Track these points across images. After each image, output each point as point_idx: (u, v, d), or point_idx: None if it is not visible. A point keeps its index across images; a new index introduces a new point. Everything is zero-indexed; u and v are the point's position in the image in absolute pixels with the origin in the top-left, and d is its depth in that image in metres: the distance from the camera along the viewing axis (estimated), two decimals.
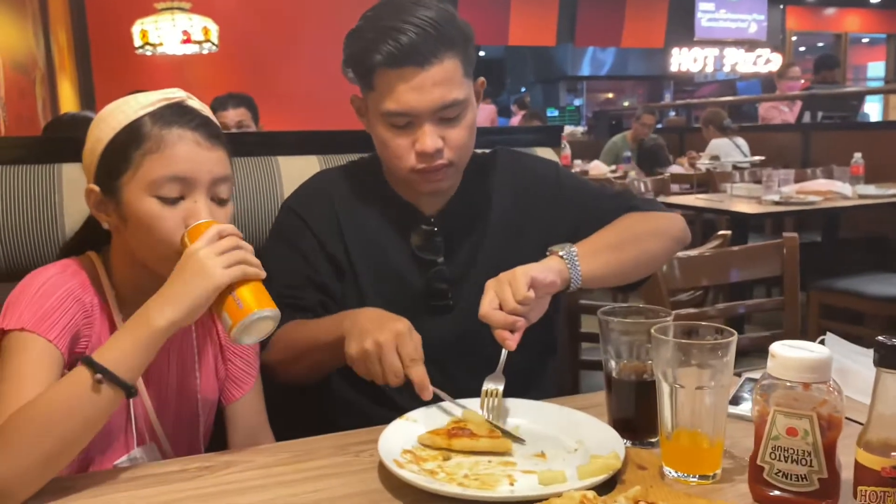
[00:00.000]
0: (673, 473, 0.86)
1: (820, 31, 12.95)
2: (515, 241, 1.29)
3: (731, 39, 11.81)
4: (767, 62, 12.10)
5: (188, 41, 4.39)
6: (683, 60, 12.13)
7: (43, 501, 0.85)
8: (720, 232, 2.10)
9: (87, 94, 5.19)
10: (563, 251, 1.13)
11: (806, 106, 6.05)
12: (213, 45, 4.58)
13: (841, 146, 5.07)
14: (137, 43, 4.48)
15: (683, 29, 11.19)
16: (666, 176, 4.86)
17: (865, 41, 13.71)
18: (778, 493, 0.78)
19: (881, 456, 0.70)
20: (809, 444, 0.75)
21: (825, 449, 0.75)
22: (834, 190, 3.93)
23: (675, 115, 9.53)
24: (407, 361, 0.99)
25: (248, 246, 0.97)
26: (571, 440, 0.95)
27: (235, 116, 3.11)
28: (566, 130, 8.65)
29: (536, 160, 1.44)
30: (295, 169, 1.47)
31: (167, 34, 4.35)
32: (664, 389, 0.86)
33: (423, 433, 0.95)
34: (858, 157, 4.31)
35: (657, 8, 10.57)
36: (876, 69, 13.68)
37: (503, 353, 1.05)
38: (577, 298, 1.88)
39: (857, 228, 4.43)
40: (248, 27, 5.55)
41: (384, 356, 0.99)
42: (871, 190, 3.96)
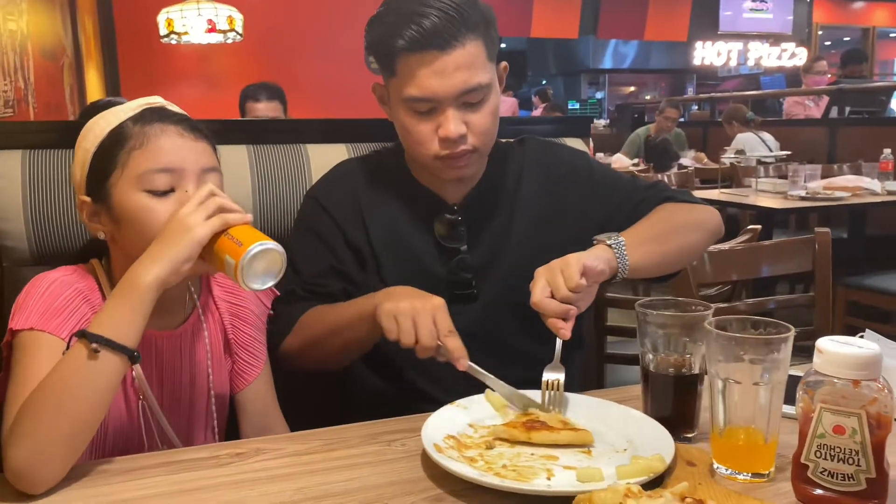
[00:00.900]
0: (725, 471, 0.84)
1: (847, 24, 12.73)
2: (543, 230, 1.28)
3: (755, 33, 11.64)
4: (793, 56, 11.91)
5: (213, 30, 4.39)
6: (707, 54, 11.98)
7: (75, 482, 0.85)
8: (750, 226, 2.07)
9: (112, 81, 5.23)
10: (610, 240, 1.11)
11: (833, 101, 5.95)
12: (237, 34, 4.58)
13: (869, 142, 4.98)
14: (163, 32, 4.50)
15: (707, 22, 11.04)
16: (690, 170, 4.81)
17: (894, 35, 13.46)
18: (822, 492, 0.76)
19: None
20: (857, 442, 0.73)
21: (874, 448, 0.73)
22: (862, 186, 3.87)
23: (697, 109, 9.43)
24: (444, 331, 1.00)
25: (226, 197, 0.96)
26: (622, 439, 0.93)
27: (267, 111, 3.09)
28: None
29: (566, 149, 1.42)
30: (323, 157, 1.47)
31: (192, 23, 4.36)
32: (717, 385, 0.84)
33: (499, 427, 0.93)
34: (888, 153, 4.23)
35: (681, 1, 10.44)
36: None
37: (558, 342, 1.03)
38: (603, 292, 1.86)
39: (884, 225, 4.35)
40: (272, 17, 5.56)
41: (419, 318, 1.00)
42: None
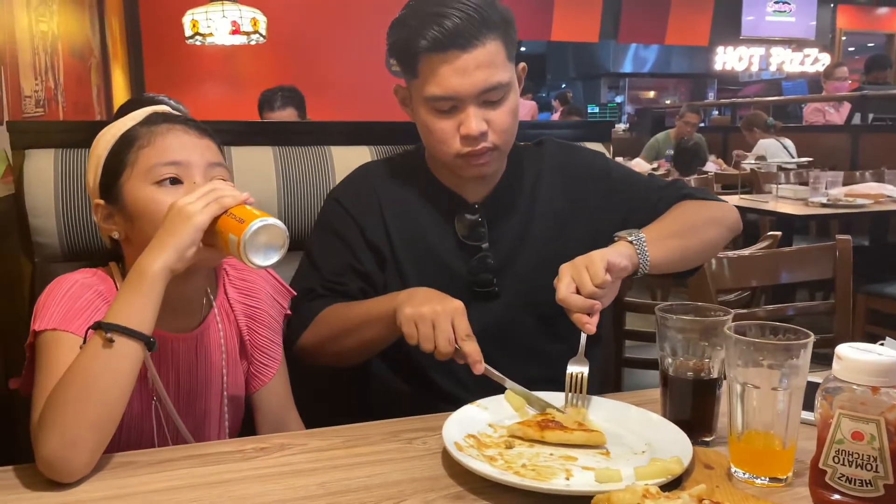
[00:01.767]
0: (742, 474, 0.85)
1: (872, 30, 12.60)
2: (562, 229, 1.30)
3: (778, 38, 11.55)
4: (815, 62, 11.81)
5: (237, 32, 4.44)
6: (728, 59, 11.91)
7: (104, 474, 0.87)
8: (770, 232, 2.06)
9: (137, 82, 5.30)
10: (631, 237, 1.13)
11: (856, 107, 5.90)
12: (261, 36, 4.62)
13: (892, 149, 4.94)
14: (188, 33, 4.55)
15: (729, 27, 10.97)
16: (710, 175, 4.79)
17: None
18: (840, 497, 0.77)
19: None
20: (876, 449, 0.74)
21: (892, 455, 0.74)
22: (885, 193, 3.84)
23: (718, 114, 9.38)
24: (462, 335, 1.02)
25: (224, 185, 0.98)
26: (640, 441, 0.94)
27: (282, 119, 3.12)
28: None
29: (585, 151, 1.44)
30: (346, 159, 1.49)
31: (217, 25, 4.41)
32: (735, 389, 0.84)
33: (514, 425, 0.95)
34: None
35: (703, 5, 10.38)
36: None
37: (583, 337, 1.05)
38: (622, 296, 1.86)
39: None
40: (295, 19, 5.60)
41: (438, 321, 1.02)
42: None
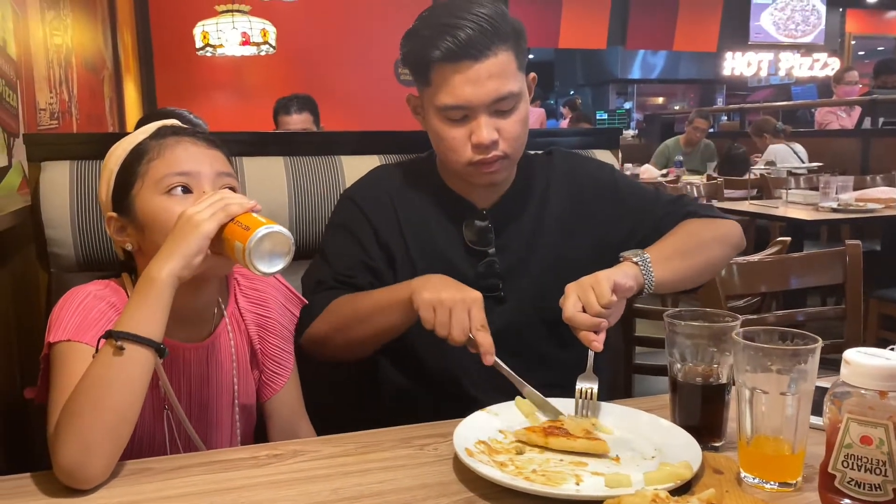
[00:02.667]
0: (752, 479, 0.85)
1: (881, 34, 12.56)
2: (569, 239, 1.31)
3: (786, 43, 11.54)
4: (825, 66, 11.78)
5: (247, 43, 4.49)
6: (737, 64, 11.91)
7: (121, 480, 0.89)
8: (779, 238, 2.06)
9: (149, 93, 5.35)
10: (636, 258, 1.14)
11: (866, 112, 5.88)
12: (270, 46, 4.67)
13: None
14: (198, 44, 4.60)
15: (737, 32, 10.97)
16: (719, 181, 4.78)
17: None
18: (849, 501, 0.77)
19: None
20: (885, 453, 0.74)
21: None
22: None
23: (727, 119, 9.36)
24: (477, 325, 1.04)
25: (231, 194, 1.00)
26: (650, 447, 0.94)
27: (299, 122, 3.17)
28: None
29: (594, 162, 1.46)
30: (356, 168, 1.50)
31: (227, 36, 4.46)
32: (744, 395, 0.85)
33: (519, 431, 0.96)
34: None
35: (710, 11, 10.38)
36: None
37: (590, 354, 1.07)
38: (632, 303, 1.87)
39: None
40: (304, 30, 5.65)
41: (456, 310, 1.04)
42: None
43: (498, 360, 1.04)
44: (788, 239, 2.05)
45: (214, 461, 0.95)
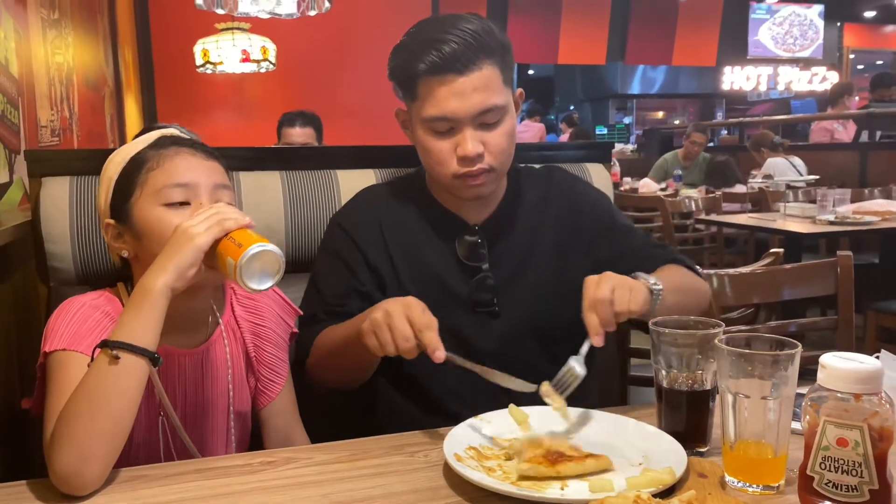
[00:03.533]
0: (736, 483, 0.87)
1: (879, 48, 12.64)
2: (562, 258, 1.33)
3: (785, 58, 11.62)
4: (824, 80, 11.85)
5: (247, 60, 4.54)
6: (736, 79, 11.97)
7: (117, 486, 0.90)
8: (772, 250, 2.08)
9: (149, 110, 5.41)
10: (652, 283, 1.11)
11: (863, 126, 5.91)
12: (270, 63, 4.72)
13: None
14: (199, 62, 4.65)
15: (736, 47, 11.05)
16: (718, 194, 4.81)
17: None
18: (828, 503, 0.79)
19: None
20: (860, 454, 0.76)
21: (876, 460, 0.76)
22: (893, 210, 3.84)
23: (727, 133, 9.40)
24: (419, 327, 1.02)
25: (228, 207, 1.02)
26: (637, 453, 0.96)
27: (301, 136, 3.24)
28: (616, 148, 8.61)
29: (591, 188, 1.47)
30: (352, 182, 1.53)
31: (227, 53, 4.51)
32: (727, 399, 0.87)
33: (522, 464, 0.91)
34: None
35: (709, 26, 10.46)
36: None
37: (587, 342, 1.04)
38: None
39: None
40: (304, 47, 5.71)
41: (393, 321, 1.02)
42: None
43: (450, 354, 1.02)
44: (781, 250, 2.06)
45: (209, 468, 0.96)
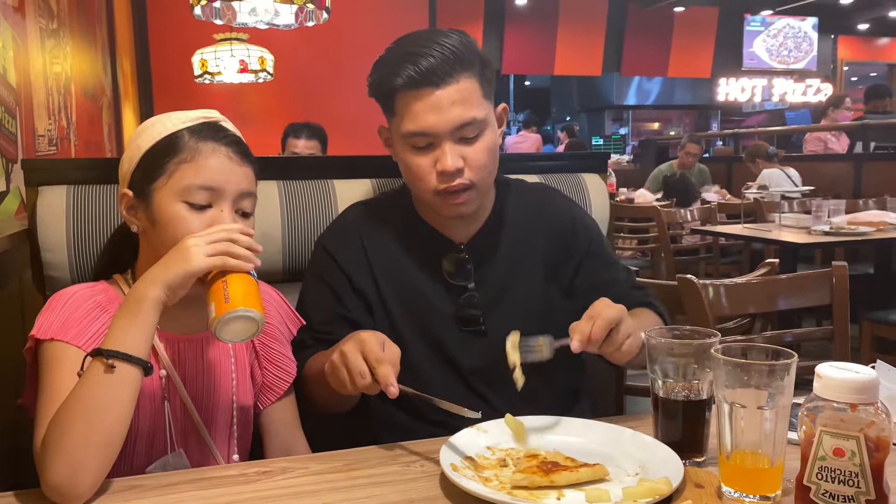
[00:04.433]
0: (733, 493, 0.87)
1: (872, 60, 12.73)
2: (550, 279, 1.31)
3: (780, 69, 11.69)
4: (818, 92, 11.92)
5: (245, 70, 4.54)
6: (731, 90, 12.04)
7: (111, 497, 0.90)
8: (768, 260, 2.09)
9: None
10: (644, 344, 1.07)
11: (857, 137, 5.95)
12: (268, 74, 4.73)
13: (894, 177, 4.97)
14: (197, 72, 4.66)
15: (731, 58, 11.12)
16: (713, 205, 4.82)
17: None
18: None
19: None
20: (857, 465, 0.76)
21: (873, 470, 0.76)
22: (887, 221, 3.85)
23: (722, 144, 9.44)
24: (372, 362, 1.01)
25: (243, 239, 1.00)
26: (633, 463, 0.96)
27: (307, 148, 3.27)
28: (612, 159, 8.64)
29: (586, 215, 1.44)
30: (349, 191, 1.53)
31: (225, 64, 4.51)
32: (724, 409, 0.87)
33: (516, 474, 0.91)
34: None
35: (704, 38, 10.55)
36: None
37: (566, 340, 1.04)
38: None
39: None
40: (301, 57, 5.73)
41: (348, 360, 1.01)
42: None
43: (403, 387, 1.01)
44: (776, 261, 2.07)
45: (203, 478, 0.96)
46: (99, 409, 0.91)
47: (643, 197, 5.91)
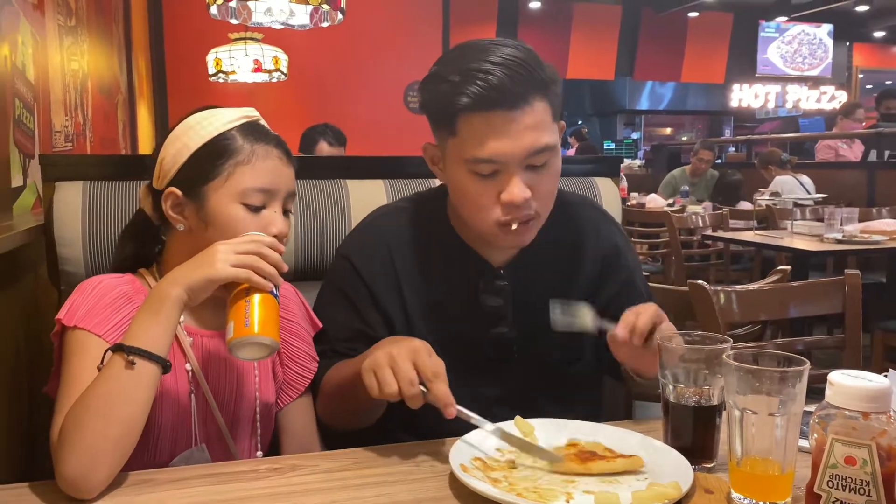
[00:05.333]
0: (742, 499, 0.86)
1: (888, 68, 12.65)
2: (589, 303, 1.19)
3: (794, 76, 11.64)
4: (832, 99, 11.86)
5: (259, 70, 4.58)
6: (744, 96, 11.99)
7: (124, 490, 0.91)
8: (780, 267, 2.08)
9: (161, 118, 5.46)
10: None
11: (870, 145, 5.92)
12: (282, 74, 4.75)
13: None
14: (211, 71, 4.69)
15: (745, 64, 11.08)
16: (724, 211, 4.81)
17: None
18: None
19: None
20: (868, 473, 0.76)
21: (884, 479, 0.75)
22: None
23: (735, 150, 9.40)
24: (428, 374, 0.95)
25: (272, 255, 1.00)
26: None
27: (332, 153, 3.31)
28: (624, 163, 8.63)
29: (629, 245, 1.36)
30: (362, 192, 1.54)
31: (240, 63, 4.55)
32: (734, 415, 0.87)
33: (557, 461, 0.92)
34: None
35: (718, 43, 10.51)
36: None
37: (613, 325, 1.03)
38: None
39: None
40: (315, 57, 5.76)
41: (397, 364, 0.96)
42: None
43: (461, 408, 0.98)
44: (788, 268, 2.06)
45: (214, 473, 0.96)
46: (116, 404, 0.92)
47: (655, 202, 5.90)
